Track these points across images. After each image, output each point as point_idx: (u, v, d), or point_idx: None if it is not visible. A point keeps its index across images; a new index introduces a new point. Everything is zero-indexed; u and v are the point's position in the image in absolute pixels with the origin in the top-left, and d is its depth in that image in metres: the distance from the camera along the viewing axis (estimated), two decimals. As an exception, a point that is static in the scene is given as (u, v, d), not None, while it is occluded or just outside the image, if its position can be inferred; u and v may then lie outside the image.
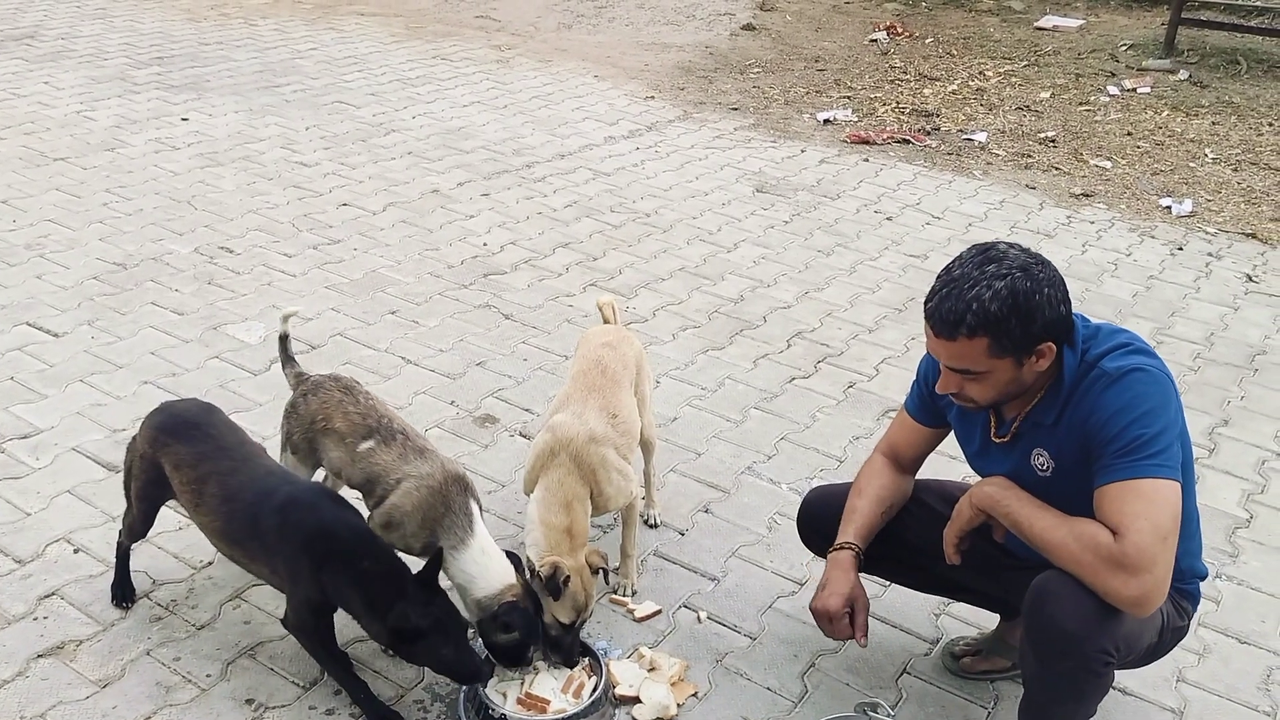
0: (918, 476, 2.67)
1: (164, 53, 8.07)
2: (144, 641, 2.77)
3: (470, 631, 2.58)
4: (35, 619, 2.82)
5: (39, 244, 4.95)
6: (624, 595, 3.02)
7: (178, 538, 3.13)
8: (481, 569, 2.58)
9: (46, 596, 2.90)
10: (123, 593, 2.90)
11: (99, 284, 4.62)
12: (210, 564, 3.05)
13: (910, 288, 4.99)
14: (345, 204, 5.60)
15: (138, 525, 2.82)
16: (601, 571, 2.73)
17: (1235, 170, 6.71)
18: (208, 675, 2.68)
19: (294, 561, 2.48)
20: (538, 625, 2.61)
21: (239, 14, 9.31)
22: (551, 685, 2.65)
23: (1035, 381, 2.22)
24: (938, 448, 2.64)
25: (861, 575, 2.50)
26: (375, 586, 2.42)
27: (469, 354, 4.26)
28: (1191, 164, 6.79)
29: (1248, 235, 5.79)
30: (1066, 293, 2.15)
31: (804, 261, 5.25)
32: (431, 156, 6.34)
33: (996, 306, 2.07)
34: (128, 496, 2.81)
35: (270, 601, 2.91)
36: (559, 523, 2.73)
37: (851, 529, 2.51)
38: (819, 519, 2.70)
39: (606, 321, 3.39)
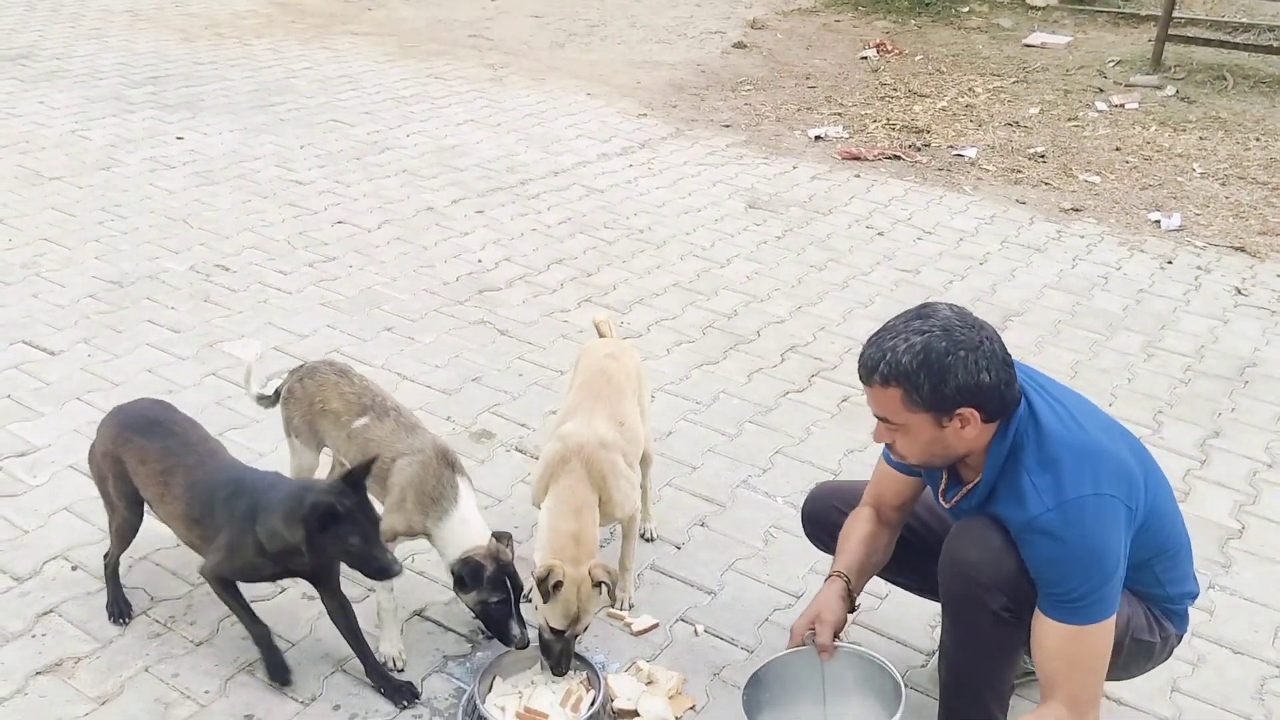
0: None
1: (159, 72, 8.10)
2: (142, 658, 2.78)
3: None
4: (34, 636, 2.83)
5: (35, 263, 4.97)
6: (621, 609, 3.03)
7: (176, 554, 3.13)
8: (457, 536, 2.71)
9: (45, 614, 2.91)
10: (119, 609, 2.91)
11: (95, 302, 4.63)
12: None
13: (903, 302, 5.01)
14: (340, 221, 5.63)
15: (128, 525, 2.86)
16: (604, 587, 2.70)
17: (1223, 184, 6.77)
18: (206, 691, 2.69)
19: (239, 529, 2.59)
20: (496, 580, 2.65)
21: (233, 34, 9.35)
22: (549, 699, 2.66)
23: (965, 449, 2.25)
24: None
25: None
26: (289, 498, 2.52)
27: (465, 369, 4.28)
28: (1180, 179, 6.86)
29: (1236, 249, 5.84)
30: (998, 364, 2.14)
31: (797, 276, 5.28)
32: (426, 174, 6.37)
33: (909, 359, 2.14)
34: (109, 502, 2.87)
35: (269, 616, 2.91)
36: (567, 528, 2.74)
37: (844, 561, 2.54)
38: (821, 513, 2.78)
39: (603, 337, 3.41)
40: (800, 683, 2.46)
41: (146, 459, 2.74)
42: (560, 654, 2.70)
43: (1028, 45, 9.97)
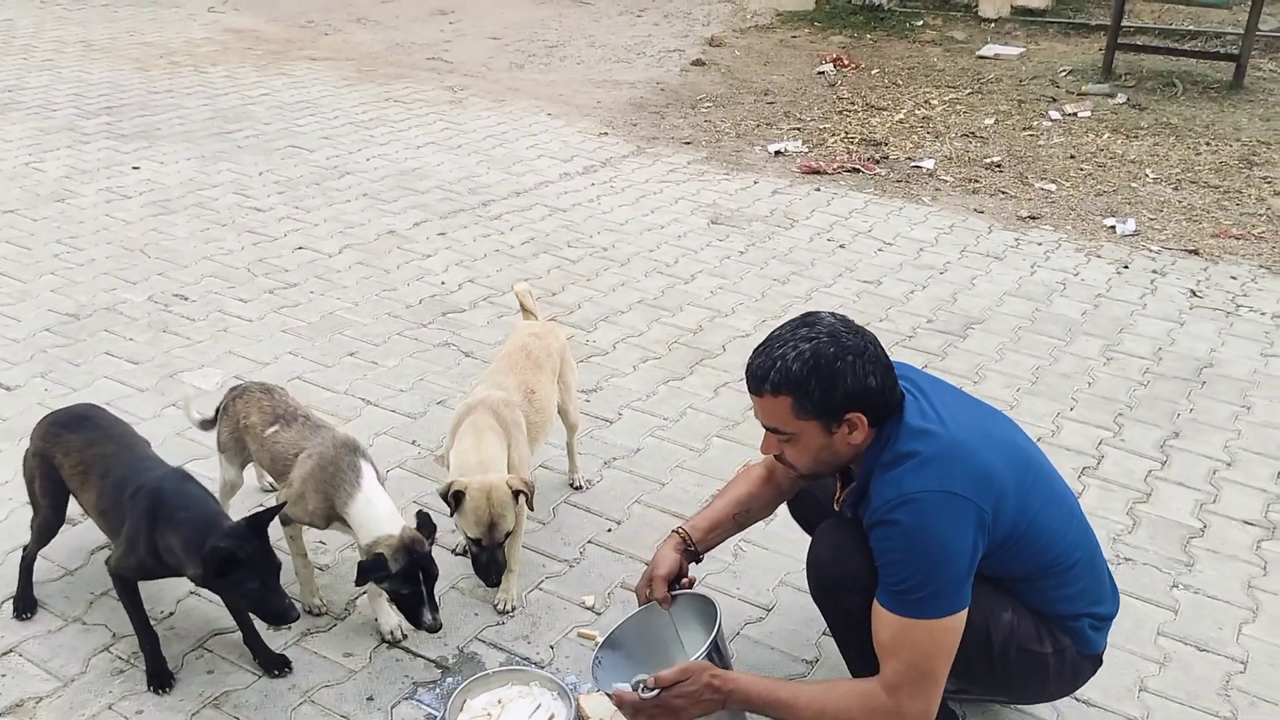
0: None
1: (113, 102, 8.03)
2: (105, 695, 2.73)
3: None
4: (-8, 677, 2.77)
5: (-11, 297, 4.90)
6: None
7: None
8: (366, 518, 2.78)
9: (4, 653, 2.85)
10: (24, 604, 3.01)
11: (51, 335, 4.57)
12: (171, 614, 3.02)
13: (865, 313, 5.07)
14: (300, 247, 5.59)
15: (50, 522, 3.02)
16: (521, 496, 2.88)
17: (1176, 189, 6.88)
18: (172, 727, 2.64)
19: (135, 525, 2.68)
20: (407, 572, 2.69)
21: (189, 62, 9.29)
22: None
23: (852, 455, 2.30)
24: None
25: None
26: (193, 529, 2.60)
27: (429, 393, 4.26)
28: (1133, 184, 6.96)
29: (1190, 252, 5.94)
30: (882, 368, 2.22)
31: (760, 290, 5.31)
32: (387, 198, 6.35)
33: (798, 366, 2.18)
34: (34, 502, 3.02)
35: (233, 651, 2.88)
36: (472, 454, 2.92)
37: (697, 518, 2.75)
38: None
39: (524, 308, 3.65)
40: (655, 635, 2.63)
41: (69, 451, 2.91)
42: (487, 564, 2.86)
43: (981, 57, 10.11)
